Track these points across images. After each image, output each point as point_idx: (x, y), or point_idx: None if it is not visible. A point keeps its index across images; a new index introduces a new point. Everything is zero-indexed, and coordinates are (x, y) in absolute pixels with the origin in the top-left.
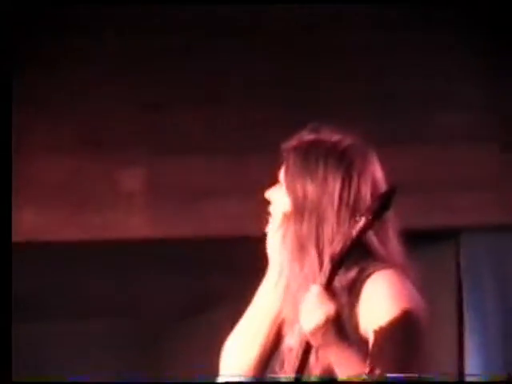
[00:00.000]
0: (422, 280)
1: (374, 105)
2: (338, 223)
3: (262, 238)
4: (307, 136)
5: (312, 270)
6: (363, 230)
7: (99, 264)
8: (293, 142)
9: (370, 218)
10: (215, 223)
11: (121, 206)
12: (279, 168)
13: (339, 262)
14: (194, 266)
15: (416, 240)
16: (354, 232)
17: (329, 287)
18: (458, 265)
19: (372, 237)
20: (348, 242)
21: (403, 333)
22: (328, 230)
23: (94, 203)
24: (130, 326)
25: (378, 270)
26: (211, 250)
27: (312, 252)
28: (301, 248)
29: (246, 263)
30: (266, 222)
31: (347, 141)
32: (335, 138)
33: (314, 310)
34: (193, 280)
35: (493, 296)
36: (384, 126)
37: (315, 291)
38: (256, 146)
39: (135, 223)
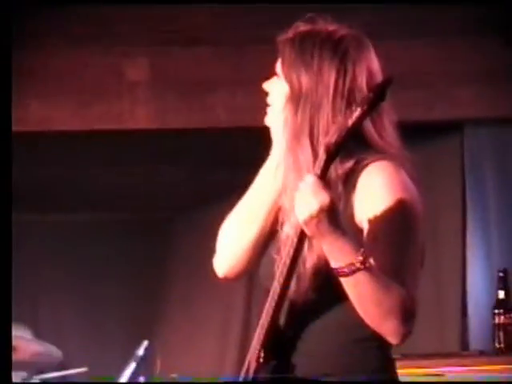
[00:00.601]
0: (421, 172)
1: None
2: (333, 113)
3: (265, 129)
4: (302, 27)
5: (306, 160)
6: (359, 120)
7: (103, 155)
8: (288, 33)
9: (366, 108)
10: (219, 114)
11: (125, 98)
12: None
13: (334, 152)
14: (198, 157)
15: (420, 133)
16: (350, 122)
17: (323, 177)
18: (461, 157)
19: (369, 127)
20: (343, 132)
21: (398, 222)
22: (323, 120)
23: (98, 95)
24: (134, 216)
25: (374, 160)
26: (216, 141)
27: (306, 142)
28: (295, 138)
29: (251, 154)
30: (266, 113)
31: (343, 31)
32: (330, 27)
33: (308, 200)
34: (198, 171)
35: (495, 188)
36: (387, 19)
37: (310, 181)
38: (259, 37)
39: (140, 114)
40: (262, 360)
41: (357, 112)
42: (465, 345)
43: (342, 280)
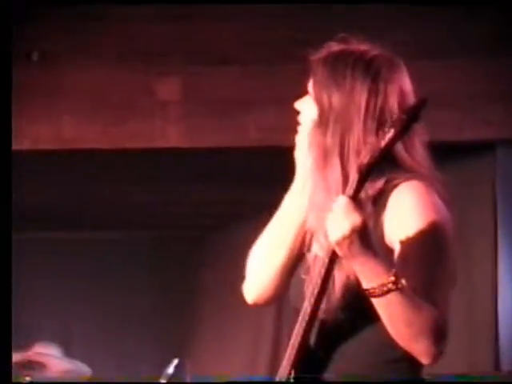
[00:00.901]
0: (453, 193)
1: (410, 17)
2: (364, 133)
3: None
4: (335, 47)
5: (335, 180)
6: (392, 142)
7: (136, 174)
8: (321, 53)
9: (399, 129)
10: (251, 133)
11: (157, 116)
12: (308, 79)
13: (367, 173)
14: (229, 176)
15: (452, 154)
16: (383, 143)
17: (356, 198)
18: (493, 178)
19: (400, 148)
20: (376, 153)
21: (429, 243)
22: (353, 140)
23: (130, 113)
24: (167, 235)
25: (405, 180)
26: (247, 160)
27: (335, 162)
28: (325, 157)
29: (282, 173)
30: (297, 132)
31: (375, 51)
32: (363, 47)
33: (340, 221)
34: (228, 190)
35: None
36: (421, 38)
37: (342, 202)
38: (290, 56)
39: (171, 133)
40: (291, 379)
41: (390, 133)
42: (496, 366)
43: (374, 301)
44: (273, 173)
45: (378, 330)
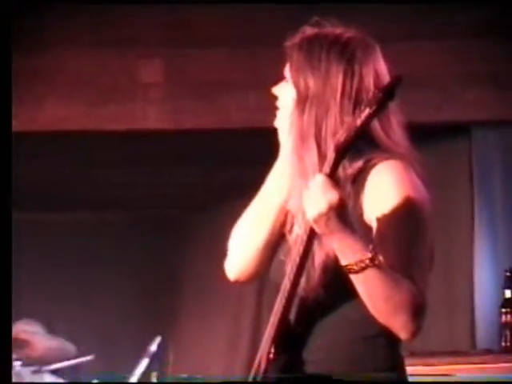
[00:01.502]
0: (431, 171)
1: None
2: (341, 115)
3: (277, 131)
4: (309, 31)
5: (312, 162)
6: (368, 120)
7: (117, 155)
8: (296, 38)
9: (375, 107)
10: (232, 115)
11: (139, 99)
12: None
13: (343, 152)
14: (210, 157)
15: (430, 134)
16: (359, 121)
17: (332, 176)
18: (470, 159)
19: (377, 128)
20: (352, 132)
21: (406, 220)
22: (330, 121)
23: (113, 96)
24: (148, 216)
25: (383, 160)
26: (229, 141)
27: (312, 144)
28: (301, 140)
29: (263, 155)
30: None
31: (349, 33)
32: (337, 30)
33: (317, 198)
34: (211, 171)
35: (502, 190)
36: (398, 19)
37: (319, 180)
38: (273, 41)
39: (153, 115)
40: (272, 356)
41: (365, 112)
42: (473, 343)
43: (352, 277)
44: (254, 154)
45: (357, 307)
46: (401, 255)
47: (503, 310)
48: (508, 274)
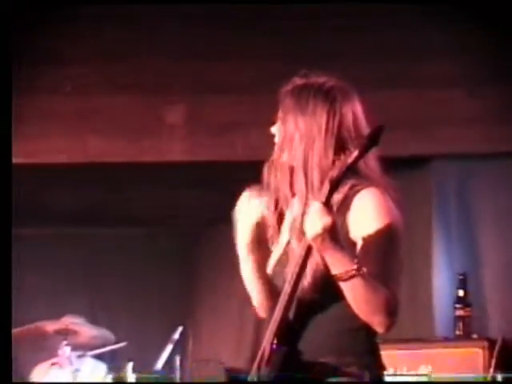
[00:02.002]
0: (401, 198)
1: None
2: (325, 149)
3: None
4: (299, 80)
5: (299, 188)
6: (356, 160)
7: (147, 182)
8: (287, 86)
9: (361, 150)
10: (239, 150)
11: (165, 137)
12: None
13: (336, 184)
14: (222, 184)
15: (397, 166)
16: (349, 160)
17: (327, 204)
18: (430, 185)
19: (361, 161)
20: (343, 169)
21: (385, 239)
22: (316, 154)
23: (144, 134)
24: (170, 230)
25: (365, 187)
26: (236, 171)
27: (300, 174)
28: (291, 170)
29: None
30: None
31: (331, 82)
32: (321, 80)
33: (315, 222)
34: (223, 196)
35: (456, 209)
36: (377, 74)
37: (316, 207)
38: (269, 88)
39: (176, 150)
40: (274, 346)
41: (354, 153)
42: (432, 332)
43: (340, 283)
44: (256, 182)
45: (343, 306)
46: (379, 267)
47: (457, 305)
48: (461, 277)
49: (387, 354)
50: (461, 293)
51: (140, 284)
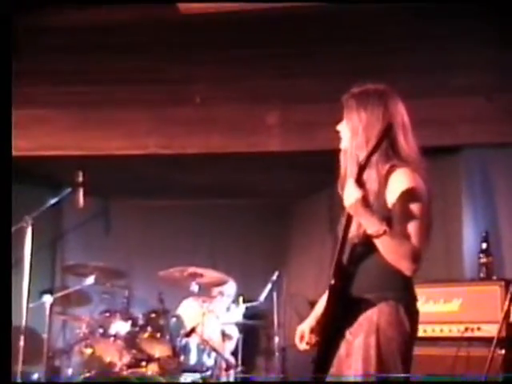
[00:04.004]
0: (429, 176)
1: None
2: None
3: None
4: (356, 88)
5: (351, 168)
6: (373, 150)
7: (253, 167)
8: (350, 92)
9: (378, 143)
10: (321, 142)
11: (264, 134)
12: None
13: (363, 169)
14: (309, 167)
15: (436, 153)
16: (370, 147)
17: (359, 180)
18: (460, 168)
19: (402, 143)
20: (367, 156)
21: (411, 206)
22: (373, 138)
23: (250, 132)
24: (269, 203)
25: (400, 167)
26: (320, 157)
27: (355, 157)
28: (354, 152)
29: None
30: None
31: (382, 88)
32: (375, 87)
33: (350, 194)
34: (310, 176)
35: (480, 185)
36: (414, 84)
37: (350, 183)
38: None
39: (274, 143)
40: (332, 283)
41: (372, 143)
42: (462, 275)
43: (374, 240)
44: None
45: (379, 255)
46: (408, 225)
47: (481, 255)
48: (484, 233)
49: (428, 291)
50: (484, 245)
51: (248, 240)
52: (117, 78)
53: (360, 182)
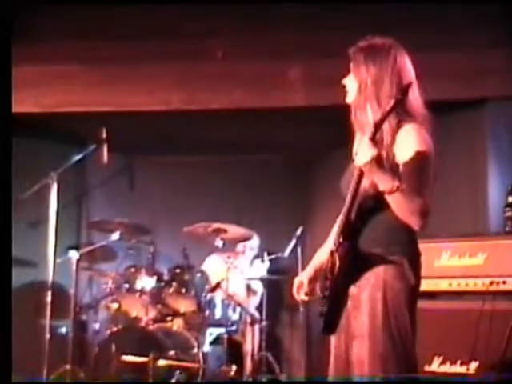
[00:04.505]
0: (434, 130)
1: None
2: (391, 87)
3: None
4: (364, 42)
5: (366, 122)
6: (392, 108)
7: (275, 121)
8: (357, 45)
9: (397, 101)
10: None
11: (287, 90)
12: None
13: (378, 127)
14: (331, 120)
15: (463, 106)
16: (388, 108)
17: (373, 139)
18: (485, 121)
19: (410, 98)
20: (384, 114)
21: (419, 162)
22: (382, 94)
23: (273, 87)
24: (294, 158)
25: (408, 122)
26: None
27: (368, 109)
28: (362, 106)
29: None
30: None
31: (390, 41)
32: (382, 40)
33: (364, 151)
34: (333, 130)
35: (505, 138)
36: (440, 38)
37: (365, 140)
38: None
39: (296, 97)
40: (340, 241)
41: (391, 103)
42: (488, 229)
43: (386, 196)
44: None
45: (389, 211)
46: (416, 182)
47: (506, 208)
48: (509, 187)
49: (453, 246)
50: (510, 199)
51: (272, 196)
52: (140, 33)
53: (374, 141)
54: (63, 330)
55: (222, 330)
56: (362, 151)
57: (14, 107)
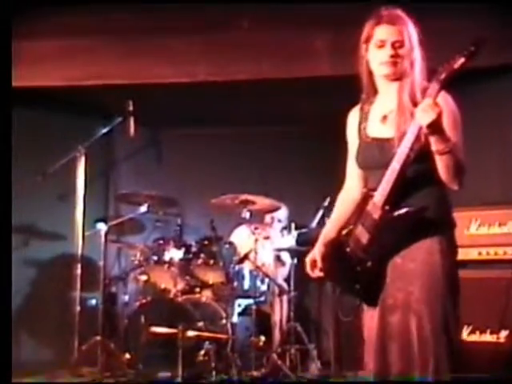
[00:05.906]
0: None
1: None
2: (422, 57)
3: None
4: (386, 10)
5: (412, 92)
6: (462, 65)
7: (302, 94)
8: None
9: (467, 58)
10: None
11: (313, 58)
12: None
13: (443, 85)
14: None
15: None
16: (456, 66)
17: (435, 99)
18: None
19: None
20: (451, 72)
21: (455, 123)
22: (419, 66)
23: (298, 56)
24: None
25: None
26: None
27: (408, 81)
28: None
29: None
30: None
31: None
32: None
33: (428, 112)
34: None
35: None
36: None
37: (429, 101)
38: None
39: (323, 66)
40: (387, 208)
41: (461, 60)
42: None
43: (436, 156)
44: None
45: (434, 179)
46: (457, 142)
47: None
48: None
49: (483, 214)
50: None
51: (299, 167)
52: (165, 5)
53: (435, 101)
54: (93, 302)
55: (250, 301)
56: (426, 112)
57: (39, 81)
